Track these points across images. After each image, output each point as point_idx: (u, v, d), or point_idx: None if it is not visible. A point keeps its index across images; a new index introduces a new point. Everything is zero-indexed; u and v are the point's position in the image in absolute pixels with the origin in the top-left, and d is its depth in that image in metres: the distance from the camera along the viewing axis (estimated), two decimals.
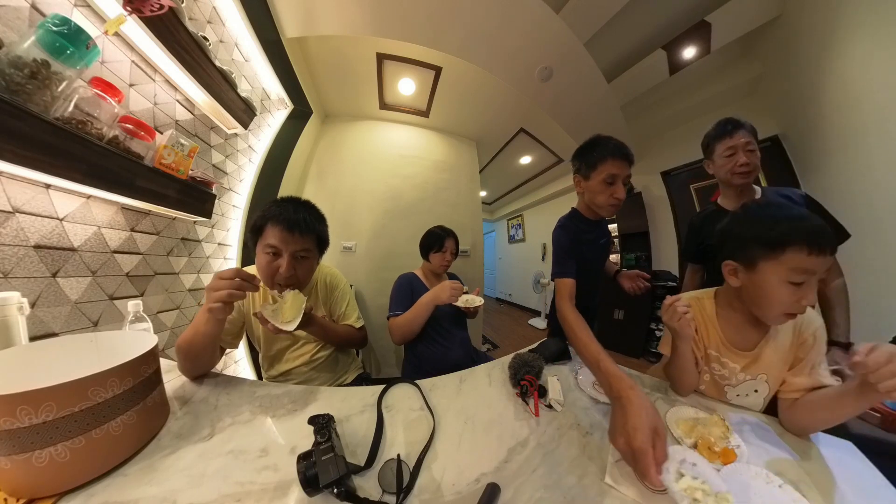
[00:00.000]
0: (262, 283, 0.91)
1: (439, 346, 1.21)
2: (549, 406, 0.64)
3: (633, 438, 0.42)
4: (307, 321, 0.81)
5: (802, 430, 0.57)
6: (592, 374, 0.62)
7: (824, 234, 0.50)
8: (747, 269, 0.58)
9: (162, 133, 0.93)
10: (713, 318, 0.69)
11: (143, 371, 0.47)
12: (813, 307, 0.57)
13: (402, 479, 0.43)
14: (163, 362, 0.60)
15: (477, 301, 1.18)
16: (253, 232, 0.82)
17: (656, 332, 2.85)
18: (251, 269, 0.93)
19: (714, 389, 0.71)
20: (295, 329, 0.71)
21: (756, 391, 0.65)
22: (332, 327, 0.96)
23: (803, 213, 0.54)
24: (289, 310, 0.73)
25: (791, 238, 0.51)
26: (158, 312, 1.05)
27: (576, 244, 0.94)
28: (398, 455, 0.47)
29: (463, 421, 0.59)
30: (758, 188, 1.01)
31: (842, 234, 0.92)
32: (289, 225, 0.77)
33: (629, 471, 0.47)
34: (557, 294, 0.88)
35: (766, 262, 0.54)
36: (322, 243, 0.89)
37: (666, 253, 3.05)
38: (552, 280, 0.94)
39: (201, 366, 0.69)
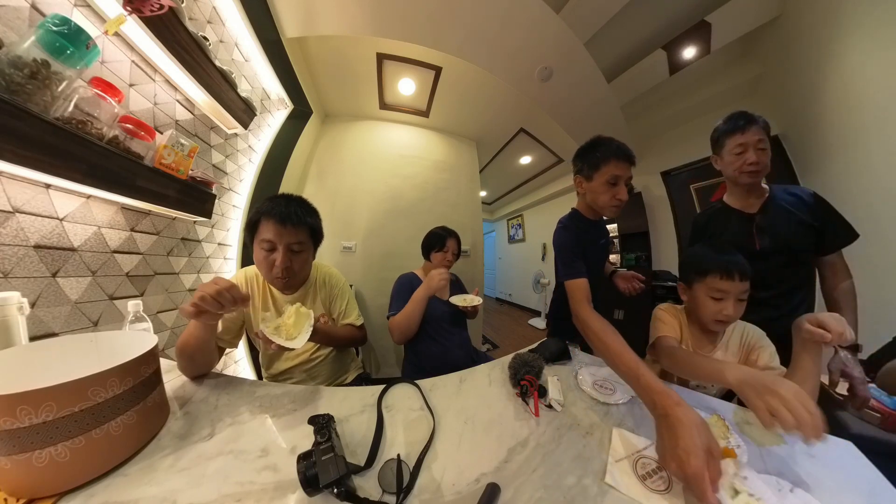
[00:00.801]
0: (259, 283, 0.91)
1: (439, 346, 1.21)
2: (549, 406, 0.64)
3: (687, 464, 0.39)
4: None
5: None
6: (630, 387, 0.57)
7: (734, 267, 0.73)
8: (689, 288, 0.82)
9: (162, 133, 0.94)
10: (686, 326, 0.86)
11: (143, 371, 0.47)
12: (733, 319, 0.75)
13: (402, 479, 0.43)
14: (163, 362, 0.60)
15: (475, 300, 1.19)
16: (248, 229, 0.83)
17: None
18: (252, 269, 0.93)
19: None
20: (302, 345, 0.68)
21: (713, 385, 0.81)
22: (333, 331, 0.97)
23: (724, 255, 0.75)
24: (293, 326, 0.71)
25: (709, 268, 0.75)
26: (158, 312, 1.05)
27: (579, 244, 0.92)
28: (398, 455, 0.47)
29: (463, 421, 0.59)
30: (766, 186, 0.98)
31: (850, 234, 0.90)
32: (281, 218, 0.79)
33: (629, 471, 0.47)
34: (572, 298, 0.83)
35: (696, 282, 0.79)
36: (316, 236, 0.90)
37: (666, 253, 3.05)
38: (562, 282, 0.89)
39: (200, 366, 0.69)
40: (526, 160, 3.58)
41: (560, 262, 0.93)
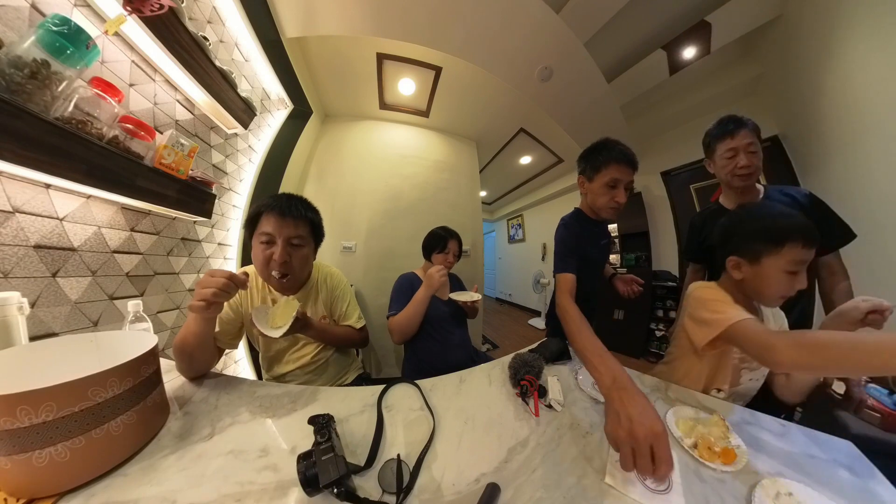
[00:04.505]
0: (258, 285, 0.91)
1: (439, 346, 1.21)
2: (549, 406, 0.64)
3: (618, 434, 0.42)
4: (302, 326, 0.81)
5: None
6: (588, 371, 0.59)
7: (814, 230, 0.60)
8: (751, 263, 0.65)
9: (162, 133, 0.93)
10: None
11: (143, 371, 0.47)
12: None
13: (402, 479, 0.43)
14: (163, 362, 0.60)
15: (475, 296, 1.19)
16: (248, 224, 0.84)
17: (656, 332, 2.85)
18: (250, 269, 0.92)
19: (732, 375, 0.73)
20: (281, 336, 0.71)
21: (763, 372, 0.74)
22: (330, 330, 0.96)
23: (795, 213, 0.62)
24: (280, 315, 0.73)
25: (790, 234, 0.59)
26: (158, 312, 1.05)
27: (578, 242, 0.94)
28: (398, 455, 0.47)
29: (463, 421, 0.59)
30: (760, 187, 0.99)
31: (847, 234, 0.90)
32: (281, 211, 0.80)
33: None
34: (557, 289, 0.88)
35: (768, 256, 0.62)
36: (316, 232, 0.90)
37: (666, 253, 3.05)
38: (553, 275, 0.94)
39: (198, 366, 0.69)
40: (526, 160, 3.57)
41: (556, 257, 0.96)
